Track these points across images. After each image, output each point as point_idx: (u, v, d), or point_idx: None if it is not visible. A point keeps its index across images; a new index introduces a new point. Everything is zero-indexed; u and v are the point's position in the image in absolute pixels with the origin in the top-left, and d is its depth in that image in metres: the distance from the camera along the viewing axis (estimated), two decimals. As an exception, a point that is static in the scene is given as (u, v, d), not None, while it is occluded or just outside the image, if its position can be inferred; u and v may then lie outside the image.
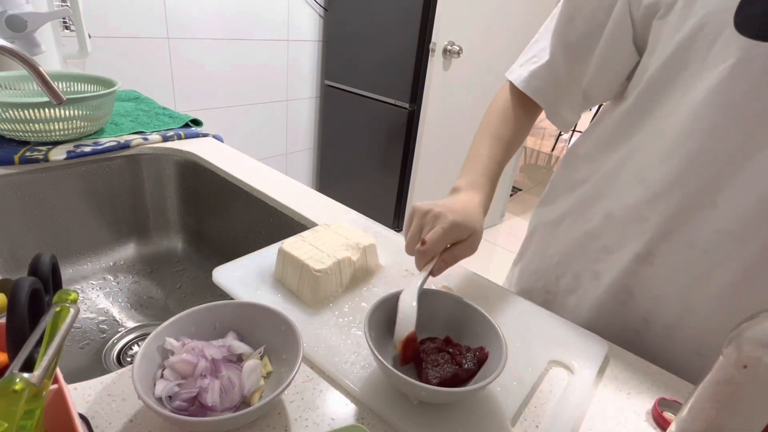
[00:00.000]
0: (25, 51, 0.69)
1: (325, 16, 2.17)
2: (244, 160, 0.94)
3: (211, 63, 1.85)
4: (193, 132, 1.01)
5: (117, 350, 0.76)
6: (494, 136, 0.64)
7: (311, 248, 0.56)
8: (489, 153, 0.63)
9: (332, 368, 0.46)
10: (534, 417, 0.44)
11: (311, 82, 2.28)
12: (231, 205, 0.89)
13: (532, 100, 0.66)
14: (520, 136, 0.67)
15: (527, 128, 0.68)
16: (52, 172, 0.82)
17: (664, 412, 0.46)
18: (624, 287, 0.59)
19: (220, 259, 0.68)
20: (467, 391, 0.41)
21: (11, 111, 0.76)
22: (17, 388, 0.25)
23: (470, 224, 0.52)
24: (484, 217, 0.56)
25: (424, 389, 0.40)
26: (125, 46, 1.59)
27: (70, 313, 0.31)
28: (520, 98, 0.67)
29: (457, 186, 0.60)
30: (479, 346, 0.45)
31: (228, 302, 0.46)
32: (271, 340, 0.45)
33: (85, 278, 0.87)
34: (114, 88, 0.88)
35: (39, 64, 0.62)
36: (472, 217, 0.53)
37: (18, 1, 0.89)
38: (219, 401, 0.39)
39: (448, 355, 0.44)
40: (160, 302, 0.87)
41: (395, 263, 0.64)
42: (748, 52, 0.44)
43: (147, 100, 1.16)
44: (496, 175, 0.62)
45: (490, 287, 0.64)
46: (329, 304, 0.55)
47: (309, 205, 0.79)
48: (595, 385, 0.50)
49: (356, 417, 0.42)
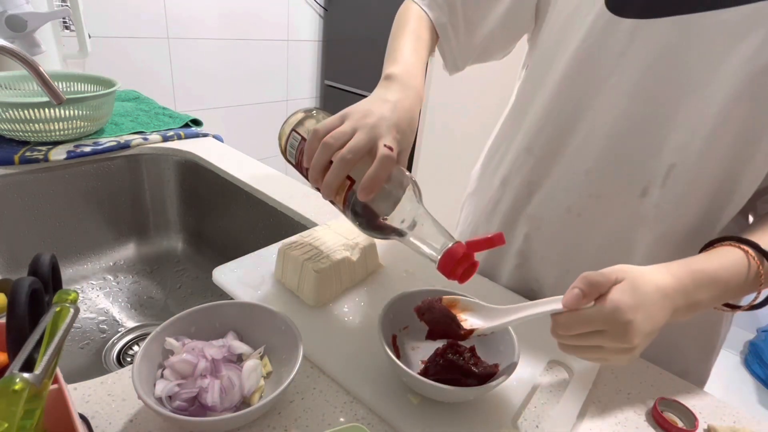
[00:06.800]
0: (25, 51, 0.69)
1: (325, 16, 2.17)
2: (244, 160, 0.94)
3: (211, 63, 1.85)
4: (193, 132, 1.01)
5: (117, 350, 0.76)
6: (415, 34, 0.60)
7: (311, 248, 0.56)
8: (414, 46, 0.58)
9: (332, 368, 0.46)
10: (534, 417, 0.44)
11: (311, 82, 2.28)
12: (231, 205, 0.89)
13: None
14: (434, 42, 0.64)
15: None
16: (52, 172, 0.82)
17: (664, 412, 0.46)
18: (519, 251, 0.66)
19: (220, 259, 0.68)
20: (463, 392, 0.41)
21: (11, 111, 0.76)
22: (17, 388, 0.25)
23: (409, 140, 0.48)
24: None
25: (424, 384, 0.40)
26: (125, 46, 1.59)
27: (70, 313, 0.31)
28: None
29: (390, 74, 0.53)
30: (495, 363, 0.44)
31: (228, 302, 0.46)
32: (271, 340, 0.45)
33: (85, 278, 0.87)
34: (114, 88, 0.88)
35: (39, 64, 0.62)
36: (412, 130, 0.48)
37: (18, 1, 0.89)
38: (219, 401, 0.39)
39: (461, 361, 0.44)
40: (160, 302, 0.87)
41: (395, 263, 0.64)
42: (602, 19, 0.52)
43: (147, 100, 1.16)
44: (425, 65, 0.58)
45: (490, 287, 0.65)
46: (329, 304, 0.55)
47: (309, 205, 0.79)
48: (595, 385, 0.50)
49: (356, 417, 0.42)
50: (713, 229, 0.54)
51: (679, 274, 0.42)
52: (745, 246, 0.46)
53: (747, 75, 0.46)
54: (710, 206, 0.53)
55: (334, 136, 0.43)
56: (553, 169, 0.60)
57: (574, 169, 0.58)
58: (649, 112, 0.52)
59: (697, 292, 0.43)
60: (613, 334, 0.38)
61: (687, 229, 0.54)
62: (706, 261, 0.45)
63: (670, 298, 0.41)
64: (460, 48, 0.65)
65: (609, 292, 0.38)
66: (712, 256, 0.46)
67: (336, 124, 0.45)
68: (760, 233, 0.48)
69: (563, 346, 0.41)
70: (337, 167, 0.42)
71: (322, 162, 0.43)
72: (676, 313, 0.42)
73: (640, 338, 0.38)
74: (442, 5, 0.62)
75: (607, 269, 0.40)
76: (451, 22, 0.62)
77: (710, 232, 0.54)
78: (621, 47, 0.52)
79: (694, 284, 0.42)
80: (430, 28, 0.61)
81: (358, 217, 0.44)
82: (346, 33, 2.13)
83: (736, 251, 0.46)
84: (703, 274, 0.43)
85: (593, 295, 0.38)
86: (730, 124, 0.48)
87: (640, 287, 0.39)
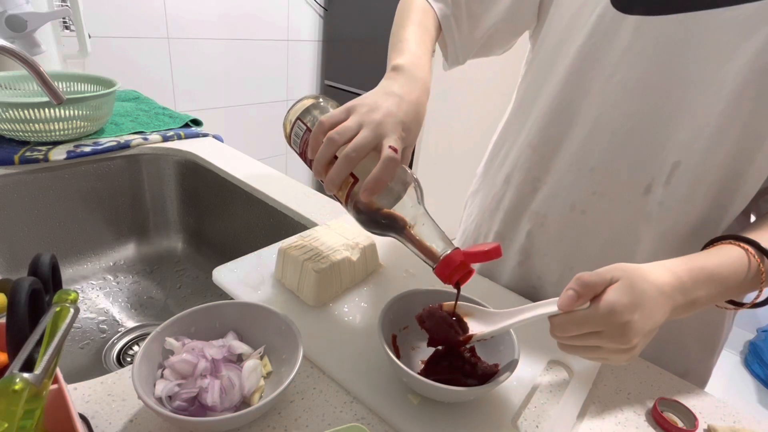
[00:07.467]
0: (25, 51, 0.69)
1: (325, 16, 2.17)
2: (244, 160, 0.94)
3: (211, 63, 1.85)
4: (193, 132, 1.01)
5: (117, 350, 0.76)
6: (420, 25, 0.59)
7: (311, 248, 0.56)
8: (420, 38, 0.57)
9: (332, 368, 0.46)
10: (534, 417, 0.44)
11: (311, 82, 2.28)
12: (231, 205, 0.89)
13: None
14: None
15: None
16: (52, 172, 0.82)
17: (664, 412, 0.46)
18: (522, 248, 0.66)
19: (220, 259, 0.68)
20: (463, 392, 0.41)
21: (11, 111, 0.76)
22: (17, 388, 0.25)
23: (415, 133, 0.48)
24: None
25: (424, 384, 0.40)
26: (125, 46, 1.59)
27: (70, 313, 0.31)
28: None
29: (397, 65, 0.52)
30: (495, 363, 0.45)
31: (228, 302, 0.46)
32: (271, 340, 0.45)
33: (85, 278, 0.87)
34: (114, 88, 0.88)
35: (39, 64, 0.62)
36: (419, 122, 0.48)
37: (18, 1, 0.89)
38: (219, 401, 0.39)
39: (461, 361, 0.44)
40: (160, 302, 0.87)
41: (395, 263, 0.64)
42: (607, 16, 0.53)
43: (147, 100, 1.16)
44: (431, 55, 0.58)
45: (490, 286, 0.65)
46: (329, 303, 0.55)
47: (309, 205, 0.79)
48: (595, 385, 0.50)
49: (356, 417, 0.42)
50: (717, 227, 0.54)
51: (678, 272, 0.42)
52: (746, 244, 0.46)
53: (752, 73, 0.46)
54: (714, 204, 0.53)
55: (339, 132, 0.42)
56: (557, 165, 0.60)
57: (578, 165, 0.58)
58: (654, 110, 0.52)
59: (696, 290, 0.42)
60: (610, 335, 0.38)
61: (690, 227, 0.54)
62: (705, 258, 0.45)
63: (668, 295, 0.40)
64: (462, 41, 0.65)
65: (604, 292, 0.38)
66: (711, 253, 0.46)
67: (341, 117, 0.44)
68: (760, 231, 0.48)
69: (562, 345, 0.41)
70: (340, 164, 0.42)
71: (327, 157, 0.43)
72: (676, 311, 0.42)
73: (639, 337, 0.38)
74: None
75: (603, 269, 0.40)
76: (454, 14, 0.62)
77: (714, 230, 0.54)
78: (626, 44, 0.52)
79: (693, 282, 0.42)
80: (434, 20, 0.61)
81: (359, 213, 0.44)
82: (346, 33, 2.13)
83: (736, 249, 0.46)
84: (702, 271, 0.43)
85: (588, 296, 0.38)
86: (735, 122, 0.48)
87: (638, 285, 0.38)
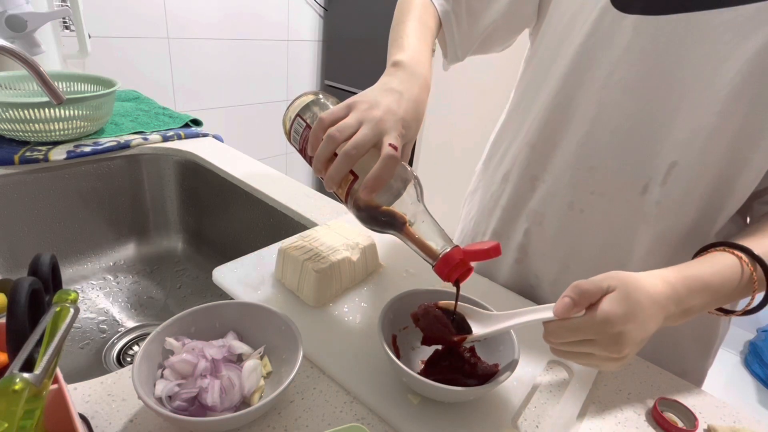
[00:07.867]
0: (25, 51, 0.69)
1: (325, 16, 2.17)
2: (244, 160, 0.94)
3: (211, 63, 1.85)
4: (193, 132, 1.01)
5: (117, 350, 0.76)
6: (421, 21, 0.58)
7: (311, 248, 0.56)
8: (420, 33, 0.57)
9: (332, 368, 0.46)
10: (534, 417, 0.44)
11: (311, 82, 2.28)
12: (231, 205, 0.89)
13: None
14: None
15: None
16: (52, 172, 0.82)
17: (664, 412, 0.46)
18: (520, 247, 0.66)
19: (220, 259, 0.68)
20: (463, 392, 0.41)
21: (11, 111, 0.76)
22: (17, 388, 0.25)
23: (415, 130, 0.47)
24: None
25: (424, 384, 0.40)
26: (125, 46, 1.59)
27: (70, 313, 0.31)
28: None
29: (397, 61, 0.51)
30: (494, 363, 0.45)
31: (228, 302, 0.46)
32: (271, 340, 0.45)
33: (85, 278, 0.87)
34: (114, 88, 0.88)
35: (39, 64, 0.62)
36: (419, 118, 0.47)
37: (18, 1, 0.89)
38: (219, 401, 0.39)
39: (461, 362, 0.44)
40: (160, 302, 0.87)
41: (395, 263, 0.64)
42: (607, 15, 0.53)
43: (147, 100, 1.16)
44: (431, 51, 0.57)
45: (489, 286, 0.65)
46: (329, 304, 0.55)
47: (309, 205, 0.79)
48: (595, 385, 0.50)
49: (356, 417, 0.42)
50: (712, 228, 0.54)
51: (672, 281, 0.42)
52: (739, 252, 0.46)
53: (750, 74, 0.46)
54: (710, 204, 0.53)
55: (339, 129, 0.42)
56: (555, 164, 0.60)
57: (577, 164, 0.58)
58: (653, 109, 0.52)
59: (689, 299, 0.43)
60: (603, 344, 0.38)
61: (687, 227, 0.54)
62: (699, 267, 0.45)
63: (662, 305, 0.41)
64: (462, 38, 0.65)
65: (600, 301, 0.38)
66: (705, 261, 0.46)
67: (341, 114, 0.44)
68: (753, 238, 0.48)
69: (555, 350, 0.41)
70: (340, 162, 0.42)
71: (326, 154, 0.43)
72: (668, 320, 0.42)
73: (631, 347, 0.39)
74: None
75: (599, 276, 0.40)
76: (454, 10, 0.62)
77: (709, 230, 0.54)
78: (625, 43, 0.52)
79: (687, 291, 0.42)
80: (434, 16, 0.61)
81: (359, 211, 0.44)
82: (346, 33, 2.12)
83: (729, 257, 0.46)
84: (695, 280, 0.43)
85: (583, 305, 0.38)
86: (731, 122, 0.48)
87: (632, 296, 0.38)
